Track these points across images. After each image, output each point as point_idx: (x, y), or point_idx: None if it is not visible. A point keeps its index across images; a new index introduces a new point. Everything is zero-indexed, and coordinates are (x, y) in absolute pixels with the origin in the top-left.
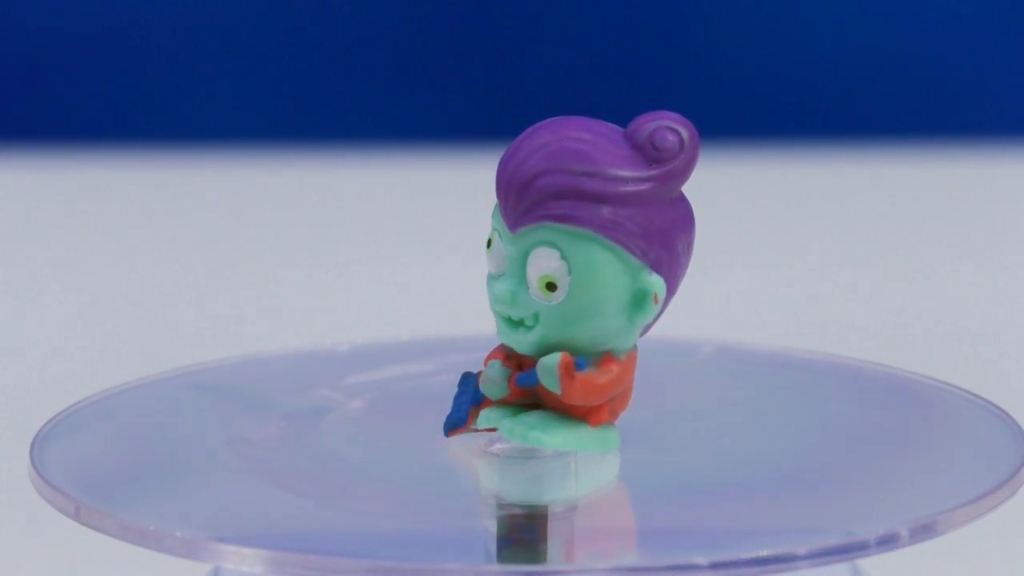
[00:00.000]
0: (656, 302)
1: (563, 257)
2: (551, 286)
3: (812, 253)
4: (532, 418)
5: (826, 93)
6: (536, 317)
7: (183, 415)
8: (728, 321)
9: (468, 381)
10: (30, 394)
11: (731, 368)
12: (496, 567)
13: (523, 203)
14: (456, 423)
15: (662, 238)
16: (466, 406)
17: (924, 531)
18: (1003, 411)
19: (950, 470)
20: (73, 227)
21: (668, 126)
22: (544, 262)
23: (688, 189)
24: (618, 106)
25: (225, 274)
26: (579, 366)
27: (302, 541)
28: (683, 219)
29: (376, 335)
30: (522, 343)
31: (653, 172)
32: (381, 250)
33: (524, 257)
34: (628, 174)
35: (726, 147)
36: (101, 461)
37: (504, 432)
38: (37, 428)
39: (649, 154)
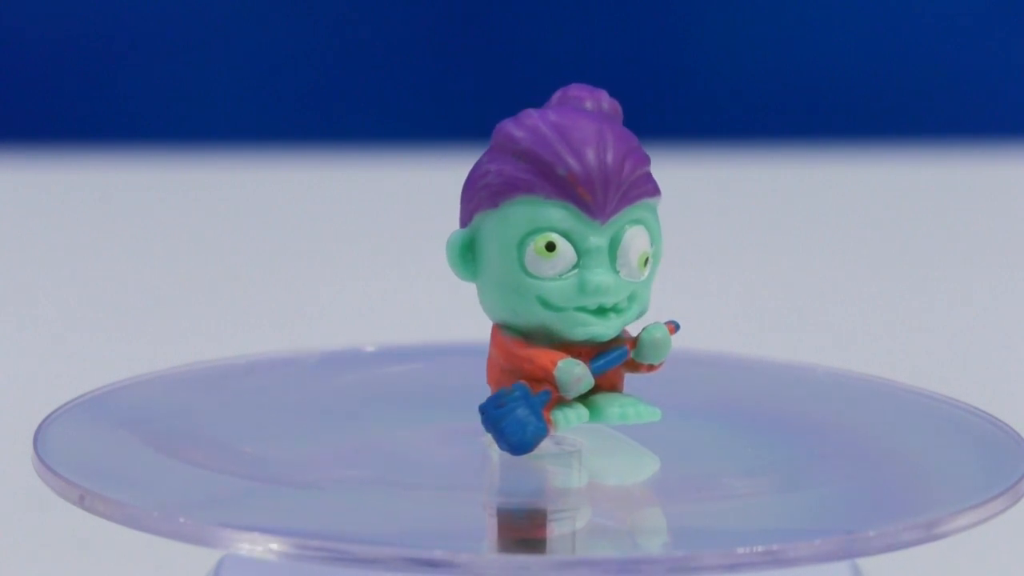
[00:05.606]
0: None
1: (647, 230)
2: (646, 262)
3: (809, 256)
4: (625, 399)
5: (826, 93)
6: (632, 297)
7: (187, 410)
8: (731, 329)
9: (519, 394)
10: (33, 387)
11: (736, 376)
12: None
13: (619, 190)
14: (539, 432)
15: None
16: (537, 414)
17: (927, 533)
18: (1008, 426)
19: (953, 477)
20: (76, 226)
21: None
22: (640, 241)
23: (686, 188)
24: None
25: (227, 273)
26: (678, 326)
27: (312, 527)
28: None
29: (378, 336)
30: (610, 328)
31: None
32: (381, 251)
33: (614, 243)
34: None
35: (725, 147)
36: (104, 452)
37: (617, 419)
38: (40, 420)
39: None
